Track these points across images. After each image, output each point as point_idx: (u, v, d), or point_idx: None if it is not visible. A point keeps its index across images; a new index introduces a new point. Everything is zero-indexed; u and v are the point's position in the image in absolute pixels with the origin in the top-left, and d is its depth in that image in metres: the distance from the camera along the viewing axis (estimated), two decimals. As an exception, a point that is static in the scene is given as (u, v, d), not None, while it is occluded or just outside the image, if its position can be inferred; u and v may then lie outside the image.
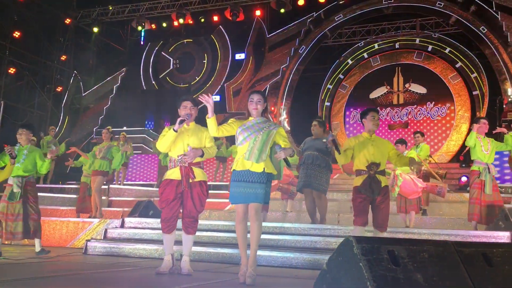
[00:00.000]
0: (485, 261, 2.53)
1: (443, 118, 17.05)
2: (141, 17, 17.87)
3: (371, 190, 4.67)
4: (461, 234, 5.63)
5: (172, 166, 4.43)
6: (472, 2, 15.42)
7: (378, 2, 16.70)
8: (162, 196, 4.39)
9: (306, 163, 6.47)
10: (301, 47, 17.69)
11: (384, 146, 4.83)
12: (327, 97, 18.90)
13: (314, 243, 5.78)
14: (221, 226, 6.68)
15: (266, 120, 4.16)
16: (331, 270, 2.35)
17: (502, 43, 15.03)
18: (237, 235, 4.08)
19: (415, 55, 17.80)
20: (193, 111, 4.48)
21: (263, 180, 3.97)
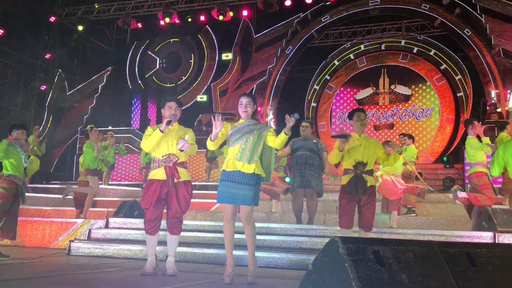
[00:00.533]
0: (469, 261, 2.55)
1: (428, 119, 17.23)
2: (127, 15, 17.73)
3: (355, 189, 4.69)
4: (445, 234, 5.68)
5: (156, 166, 4.42)
6: (457, 4, 15.60)
7: (364, 3, 16.81)
8: (146, 196, 4.37)
9: (299, 163, 6.47)
10: (288, 47, 17.73)
11: (374, 146, 4.85)
12: (314, 97, 18.98)
13: (300, 244, 5.78)
14: (207, 227, 6.66)
15: (256, 122, 4.19)
16: (316, 270, 2.34)
17: (486, 45, 15.24)
18: (224, 234, 4.10)
19: (401, 57, 17.96)
20: (177, 111, 4.49)
21: (252, 182, 4.00)
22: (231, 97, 17.79)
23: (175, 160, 4.37)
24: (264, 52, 17.83)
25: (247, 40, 18.03)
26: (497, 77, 15.10)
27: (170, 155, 4.38)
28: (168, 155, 4.38)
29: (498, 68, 15.10)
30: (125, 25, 17.90)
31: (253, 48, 17.92)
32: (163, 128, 4.31)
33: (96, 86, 18.25)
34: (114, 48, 20.01)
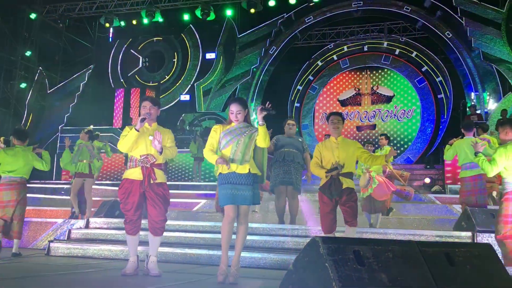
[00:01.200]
0: (447, 260, 2.59)
1: (409, 120, 17.43)
2: (109, 13, 17.54)
3: (329, 192, 4.72)
4: (425, 234, 5.74)
5: (132, 165, 4.37)
6: (438, 7, 15.83)
7: (347, 5, 16.95)
8: (125, 198, 4.31)
9: (287, 159, 6.46)
10: (271, 47, 17.77)
11: (351, 148, 4.83)
12: (297, 98, 19.05)
13: (282, 243, 5.79)
14: (189, 227, 6.62)
15: (248, 125, 4.22)
16: (297, 270, 2.35)
17: (466, 48, 15.49)
18: (222, 235, 4.12)
19: (383, 58, 18.14)
20: (152, 110, 4.43)
21: (249, 181, 4.06)
22: (214, 97, 17.75)
23: (153, 161, 4.33)
24: (248, 52, 17.84)
25: (230, 39, 18.01)
26: (477, 79, 15.37)
27: (148, 155, 4.33)
28: (146, 156, 4.33)
29: (478, 71, 15.36)
30: (107, 23, 17.70)
31: (237, 48, 17.90)
32: (138, 127, 4.26)
33: (78, 84, 18.01)
34: (96, 46, 19.79)
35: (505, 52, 14.75)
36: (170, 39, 18.95)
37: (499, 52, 14.84)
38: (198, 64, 18.31)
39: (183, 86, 18.27)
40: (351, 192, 4.75)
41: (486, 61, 15.05)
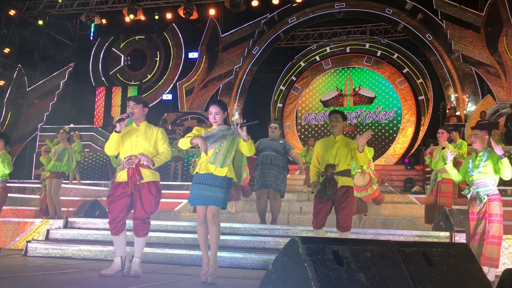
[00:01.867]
0: (425, 260, 2.61)
1: (390, 122, 17.62)
2: (90, 11, 17.31)
3: (324, 191, 4.72)
4: (404, 234, 5.82)
5: (121, 168, 4.40)
6: (419, 10, 16.03)
7: (330, 6, 17.05)
8: (111, 197, 4.32)
9: (265, 163, 6.48)
10: (254, 48, 17.78)
11: (348, 147, 4.79)
12: (280, 98, 19.09)
13: (263, 243, 5.80)
14: (170, 227, 6.59)
15: (228, 128, 4.22)
16: (276, 270, 2.35)
17: (447, 50, 15.73)
18: (198, 236, 4.15)
19: (365, 60, 18.30)
20: (135, 109, 4.38)
21: (224, 184, 4.06)
22: (197, 96, 17.68)
23: (137, 162, 4.28)
24: (231, 52, 17.81)
25: (213, 39, 17.96)
26: (456, 81, 15.62)
27: (131, 156, 4.29)
28: (130, 157, 4.30)
29: (458, 73, 15.61)
30: (88, 20, 17.47)
31: (220, 48, 17.87)
32: (118, 129, 4.23)
33: (58, 82, 17.75)
34: (77, 44, 19.50)
35: (483, 55, 15.02)
36: (153, 37, 18.81)
37: (478, 55, 15.10)
38: (180, 63, 18.19)
39: (166, 85, 18.15)
40: (346, 192, 4.70)
41: (465, 63, 15.29)
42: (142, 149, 4.32)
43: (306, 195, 9.54)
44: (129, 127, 4.42)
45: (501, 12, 14.92)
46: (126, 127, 4.39)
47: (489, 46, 14.98)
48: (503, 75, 14.66)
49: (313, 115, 18.54)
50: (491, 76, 14.83)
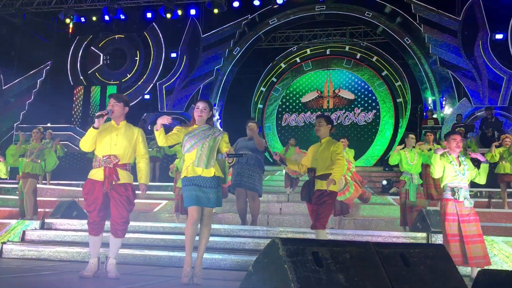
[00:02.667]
0: (402, 261, 2.66)
1: (369, 124, 17.82)
2: (69, 9, 17.05)
3: (302, 194, 4.90)
4: (382, 235, 5.89)
5: (96, 165, 4.28)
6: (398, 14, 16.26)
7: (311, 8, 17.16)
8: (88, 198, 4.23)
9: (240, 162, 6.48)
10: (235, 48, 17.77)
11: (329, 151, 4.85)
12: (260, 99, 19.13)
13: (243, 244, 5.80)
14: (149, 228, 6.54)
15: (210, 127, 4.23)
16: (257, 271, 2.36)
17: (424, 54, 15.98)
18: (186, 236, 4.12)
19: (345, 62, 18.48)
20: (116, 107, 4.33)
21: (214, 184, 4.07)
22: (177, 97, 17.59)
23: (115, 162, 4.23)
24: (212, 52, 17.77)
25: (194, 39, 17.89)
26: (434, 84, 15.89)
27: (111, 156, 4.24)
28: (109, 156, 4.23)
29: (435, 76, 15.88)
30: (67, 18, 17.21)
31: (201, 48, 17.81)
32: (96, 125, 4.17)
33: (35, 81, 17.46)
34: (55, 42, 19.19)
35: (460, 59, 15.32)
36: (132, 37, 18.63)
37: (455, 59, 15.39)
38: (161, 63, 18.07)
39: (145, 85, 18.00)
40: (320, 196, 4.75)
41: (442, 67, 15.57)
42: (122, 149, 4.28)
43: (286, 196, 9.58)
44: (107, 125, 4.36)
45: (477, 17, 15.24)
46: (105, 124, 4.33)
47: (466, 50, 15.29)
48: (479, 79, 14.97)
49: (293, 117, 18.63)
50: (467, 79, 15.14)
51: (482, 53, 15.03)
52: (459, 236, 4.68)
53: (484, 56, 14.99)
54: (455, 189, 4.78)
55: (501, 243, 5.30)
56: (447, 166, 4.86)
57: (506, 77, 14.63)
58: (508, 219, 7.60)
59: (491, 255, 4.96)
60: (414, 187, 7.02)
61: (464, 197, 4.74)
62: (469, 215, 4.73)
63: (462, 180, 4.81)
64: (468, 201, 4.74)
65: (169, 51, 18.08)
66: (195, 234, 4.10)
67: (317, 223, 4.77)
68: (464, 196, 4.74)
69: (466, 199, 4.73)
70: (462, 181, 4.81)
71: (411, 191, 7.01)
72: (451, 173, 4.84)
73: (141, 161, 4.39)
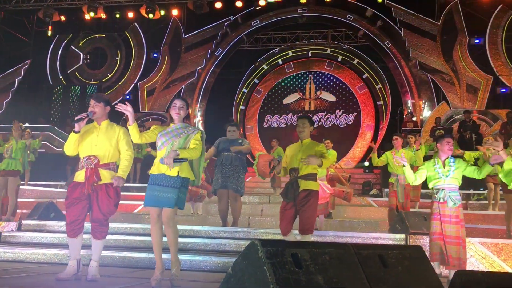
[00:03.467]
0: (381, 262, 2.69)
1: (350, 126, 17.96)
2: (49, 7, 16.80)
3: (285, 194, 4.82)
4: (362, 236, 5.96)
5: (80, 167, 4.26)
6: (379, 17, 16.43)
7: (293, 10, 17.23)
8: (67, 198, 4.21)
9: (224, 164, 6.47)
10: (217, 49, 17.74)
11: (311, 151, 4.86)
12: (242, 100, 19.14)
13: (223, 246, 5.80)
14: (128, 229, 6.49)
15: (186, 126, 4.18)
16: (236, 273, 2.36)
17: (404, 57, 16.19)
18: (152, 238, 4.08)
19: (326, 64, 18.61)
20: (96, 108, 4.27)
21: (176, 184, 3.98)
22: (158, 97, 17.48)
23: (96, 162, 4.19)
24: (194, 53, 17.71)
25: (176, 40, 17.80)
26: (413, 87, 16.10)
27: (91, 156, 4.19)
28: (89, 157, 4.20)
29: (415, 79, 16.10)
30: (46, 17, 16.95)
31: (182, 49, 17.72)
32: (77, 129, 4.14)
33: (13, 80, 17.15)
34: (34, 41, 18.87)
35: (439, 63, 15.56)
36: (113, 36, 18.44)
37: (434, 63, 15.63)
38: (142, 63, 17.92)
39: (126, 85, 17.84)
40: (307, 196, 4.75)
41: (422, 70, 15.79)
42: (103, 149, 4.23)
43: (267, 198, 9.60)
44: (90, 126, 4.32)
45: (456, 22, 15.51)
46: (87, 125, 4.29)
47: (444, 54, 15.54)
48: (457, 83, 15.23)
49: (275, 118, 18.68)
50: (446, 83, 15.38)
51: (460, 57, 15.29)
52: (442, 235, 4.80)
53: (462, 60, 15.25)
54: (436, 191, 4.94)
55: (478, 244, 5.40)
56: (430, 170, 5.01)
57: (483, 81, 14.92)
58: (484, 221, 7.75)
59: (467, 256, 5.04)
60: (402, 188, 7.13)
61: (445, 198, 4.84)
62: (451, 216, 4.82)
63: (446, 181, 4.91)
64: (452, 201, 4.83)
65: (150, 51, 17.96)
66: (159, 236, 4.05)
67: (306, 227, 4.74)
68: (445, 197, 4.84)
69: (450, 199, 4.83)
70: (446, 182, 4.92)
71: (399, 192, 7.13)
72: (434, 176, 4.99)
73: (122, 158, 4.33)
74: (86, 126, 4.27)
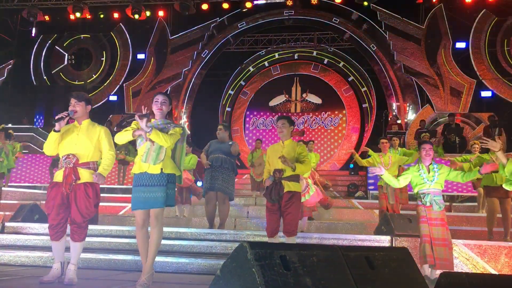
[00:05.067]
0: (368, 264, 2.71)
1: (336, 128, 18.08)
2: (33, 7, 16.58)
3: (269, 196, 4.80)
4: (348, 238, 5.99)
5: (59, 167, 4.18)
6: (364, 21, 16.57)
7: (279, 13, 17.29)
8: (48, 200, 4.11)
9: (215, 166, 6.45)
10: (204, 51, 17.71)
11: (294, 152, 4.89)
12: (228, 102, 19.13)
13: (210, 248, 5.78)
14: (114, 232, 6.43)
15: (168, 122, 4.11)
16: (224, 276, 2.35)
17: (389, 60, 16.35)
18: (137, 242, 4.01)
19: (312, 67, 18.70)
20: (77, 107, 4.19)
21: (162, 182, 3.90)
22: (144, 98, 17.36)
23: (74, 161, 4.10)
24: (180, 55, 17.65)
25: (162, 41, 17.72)
26: (398, 90, 16.26)
27: (70, 155, 4.10)
28: (68, 155, 4.10)
29: (399, 83, 16.26)
30: (30, 17, 16.71)
31: (169, 50, 17.65)
32: (57, 128, 4.05)
33: (-5, 80, 16.90)
34: (18, 41, 18.61)
35: (423, 66, 15.74)
36: (99, 37, 18.28)
37: (419, 66, 15.81)
38: (127, 64, 17.79)
39: (111, 86, 17.70)
40: (292, 197, 4.76)
41: (406, 73, 15.96)
42: (83, 148, 4.14)
43: (254, 200, 9.61)
44: (70, 125, 4.25)
45: (440, 26, 15.71)
46: (68, 125, 4.22)
47: (429, 58, 15.73)
48: (441, 86, 15.42)
49: (261, 120, 18.71)
50: (430, 86, 15.57)
51: (444, 61, 15.49)
52: (430, 237, 4.91)
53: (446, 64, 15.45)
54: (422, 195, 5.05)
55: (462, 246, 5.47)
56: (415, 176, 5.09)
57: (467, 84, 15.13)
58: (468, 223, 7.85)
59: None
60: (392, 190, 7.21)
61: (431, 202, 4.95)
62: (437, 219, 4.97)
63: (431, 186, 5.03)
64: (437, 205, 4.97)
65: (136, 52, 17.84)
66: (145, 240, 3.97)
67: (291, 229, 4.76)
68: (431, 201, 4.96)
69: (435, 203, 4.95)
70: (431, 187, 5.04)
71: (389, 194, 7.21)
72: (419, 181, 5.09)
73: (104, 157, 4.24)
74: (67, 126, 4.20)
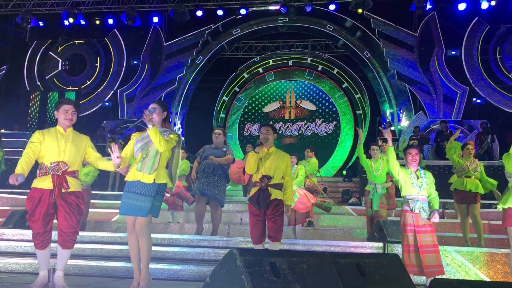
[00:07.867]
0: (358, 271, 2.71)
1: (330, 135, 18.13)
2: (27, 12, 16.55)
3: (257, 202, 4.78)
4: (341, 245, 5.98)
5: (42, 173, 4.05)
6: (358, 28, 16.66)
7: (274, 20, 17.35)
8: (32, 208, 3.98)
9: (207, 171, 6.41)
10: (198, 57, 17.73)
11: (282, 160, 4.88)
12: (223, 108, 19.14)
13: (202, 255, 5.75)
14: (106, 238, 6.38)
15: (164, 130, 4.11)
16: (214, 283, 2.35)
17: (383, 68, 16.44)
18: (129, 246, 4.03)
19: (306, 74, 18.77)
20: (74, 116, 4.19)
21: (151, 192, 3.92)
22: (138, 104, 17.34)
23: (65, 169, 4.05)
24: (174, 61, 17.65)
25: (157, 47, 17.72)
26: (391, 97, 16.34)
27: (60, 162, 4.05)
28: (58, 163, 4.04)
29: (393, 89, 16.34)
30: (24, 22, 16.68)
31: (163, 56, 17.65)
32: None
33: (-12, 85, 16.82)
34: (12, 46, 18.55)
35: (417, 73, 15.84)
36: (93, 43, 18.25)
37: (412, 73, 15.90)
38: (122, 70, 17.77)
39: (106, 92, 17.66)
40: (278, 204, 4.77)
41: (400, 81, 16.04)
42: (72, 156, 4.10)
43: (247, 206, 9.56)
44: (52, 131, 4.16)
45: (433, 33, 15.82)
46: (49, 130, 4.16)
47: (422, 65, 15.82)
48: (434, 93, 15.51)
49: (255, 126, 18.72)
50: (423, 93, 15.65)
51: (437, 68, 15.59)
52: (415, 246, 4.84)
53: (439, 71, 15.55)
54: (411, 201, 4.96)
55: (454, 253, 5.47)
56: (406, 178, 5.03)
57: (459, 91, 15.22)
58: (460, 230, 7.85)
59: (444, 264, 5.10)
60: (378, 196, 7.20)
61: (420, 209, 4.90)
62: (425, 226, 4.89)
63: (419, 192, 4.97)
64: (425, 212, 4.90)
65: (130, 59, 17.83)
66: (137, 245, 3.98)
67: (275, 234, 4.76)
68: (419, 208, 4.90)
69: (423, 210, 4.89)
70: (419, 193, 4.97)
71: (375, 200, 7.18)
72: (409, 185, 5.02)
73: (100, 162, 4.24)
74: (49, 130, 4.15)
